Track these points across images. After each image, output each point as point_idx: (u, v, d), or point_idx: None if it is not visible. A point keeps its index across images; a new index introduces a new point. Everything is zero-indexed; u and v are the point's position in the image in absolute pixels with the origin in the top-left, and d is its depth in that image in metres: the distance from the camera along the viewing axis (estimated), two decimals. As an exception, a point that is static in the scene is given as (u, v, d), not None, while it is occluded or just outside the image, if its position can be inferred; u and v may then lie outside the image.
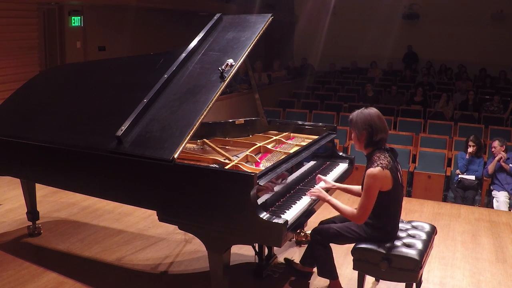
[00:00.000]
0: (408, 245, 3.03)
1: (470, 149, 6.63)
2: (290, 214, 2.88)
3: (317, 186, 3.34)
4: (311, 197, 3.16)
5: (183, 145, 2.85)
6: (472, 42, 14.55)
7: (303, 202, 3.10)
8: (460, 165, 6.67)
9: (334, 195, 3.35)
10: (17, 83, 4.61)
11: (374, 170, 2.89)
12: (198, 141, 3.86)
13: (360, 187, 3.39)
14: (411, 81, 12.95)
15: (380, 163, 2.90)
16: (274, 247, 3.75)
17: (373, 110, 3.08)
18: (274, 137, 3.98)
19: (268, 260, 3.66)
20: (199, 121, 2.93)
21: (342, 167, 3.94)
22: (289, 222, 2.72)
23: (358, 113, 3.07)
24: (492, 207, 6.25)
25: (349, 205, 3.12)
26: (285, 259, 3.66)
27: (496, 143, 6.43)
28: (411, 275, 2.91)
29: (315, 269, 3.46)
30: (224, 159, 3.36)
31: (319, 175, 3.49)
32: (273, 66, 13.30)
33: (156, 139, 2.95)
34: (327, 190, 3.36)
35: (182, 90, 3.19)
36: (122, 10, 9.90)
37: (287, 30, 16.68)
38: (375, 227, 3.05)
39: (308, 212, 3.10)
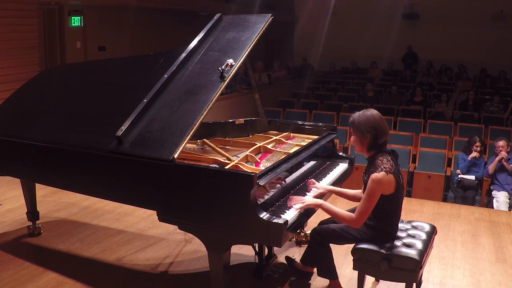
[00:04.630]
0: (408, 245, 3.03)
1: (474, 154, 6.60)
2: (290, 214, 2.88)
3: (308, 194, 3.22)
4: (297, 209, 2.93)
5: (183, 145, 2.85)
6: (472, 42, 14.56)
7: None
8: (461, 166, 6.66)
9: (329, 200, 3.33)
10: (17, 83, 4.61)
11: (378, 175, 2.83)
12: (198, 141, 3.86)
13: (355, 191, 3.38)
14: (411, 81, 12.95)
15: (384, 167, 2.85)
16: (274, 247, 3.75)
17: (375, 112, 3.00)
18: (274, 137, 3.98)
19: (268, 260, 3.65)
20: (199, 121, 2.93)
21: (342, 167, 3.94)
22: (289, 222, 2.72)
23: (361, 115, 2.98)
24: (492, 207, 6.25)
25: (344, 207, 3.11)
26: (287, 257, 3.66)
27: (502, 143, 6.40)
28: (411, 275, 2.91)
29: (315, 269, 3.46)
30: (224, 159, 3.35)
31: (310, 180, 3.39)
32: (273, 66, 13.30)
33: (156, 139, 2.95)
34: (322, 195, 3.27)
35: (182, 90, 3.19)
36: (122, 10, 9.90)
37: (287, 30, 16.68)
38: (375, 229, 3.03)
39: (308, 212, 3.10)
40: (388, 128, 3.01)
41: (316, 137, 3.94)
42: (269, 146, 3.69)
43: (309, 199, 3.05)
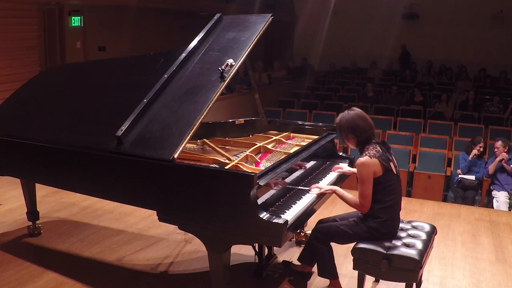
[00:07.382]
0: (408, 245, 3.03)
1: (475, 151, 6.60)
2: (290, 214, 2.88)
3: (331, 174, 3.64)
4: (316, 194, 3.23)
5: (183, 145, 2.85)
6: (472, 42, 14.55)
7: (303, 202, 3.10)
8: (462, 166, 6.66)
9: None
10: (17, 83, 4.61)
11: (361, 159, 3.05)
12: (198, 141, 3.86)
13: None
14: (411, 81, 12.94)
15: (368, 153, 3.04)
16: (274, 247, 3.75)
17: (353, 112, 3.18)
18: (274, 137, 3.98)
19: (268, 260, 3.65)
20: (199, 121, 2.93)
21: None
22: (289, 222, 2.72)
23: (341, 118, 3.21)
24: (492, 207, 6.25)
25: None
26: (283, 261, 3.67)
27: (499, 144, 6.40)
28: (411, 275, 2.92)
29: (314, 269, 3.46)
30: (224, 159, 3.35)
31: (335, 166, 3.70)
32: (273, 66, 13.29)
33: (156, 139, 2.95)
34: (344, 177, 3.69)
35: (182, 90, 3.19)
36: (122, 10, 9.90)
37: (287, 30, 16.67)
38: (373, 216, 3.06)
39: (308, 212, 3.10)
40: (369, 124, 3.17)
41: (316, 137, 3.94)
42: (269, 146, 3.69)
43: (324, 185, 3.34)
